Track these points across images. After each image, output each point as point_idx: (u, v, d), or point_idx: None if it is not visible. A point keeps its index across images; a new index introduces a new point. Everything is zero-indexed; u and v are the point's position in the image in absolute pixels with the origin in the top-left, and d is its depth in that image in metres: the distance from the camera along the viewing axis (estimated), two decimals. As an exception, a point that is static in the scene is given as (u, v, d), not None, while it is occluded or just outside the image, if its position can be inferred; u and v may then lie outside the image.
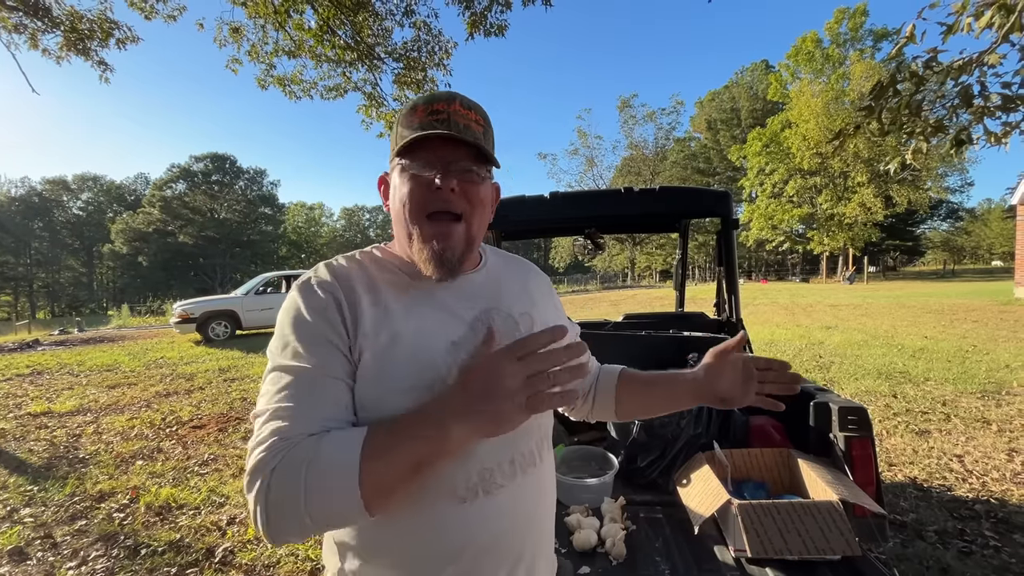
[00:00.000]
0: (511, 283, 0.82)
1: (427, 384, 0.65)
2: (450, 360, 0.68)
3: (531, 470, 0.73)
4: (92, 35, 5.93)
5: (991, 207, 61.39)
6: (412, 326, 0.68)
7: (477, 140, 0.68)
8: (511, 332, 0.75)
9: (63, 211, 52.17)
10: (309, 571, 2.40)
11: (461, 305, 0.74)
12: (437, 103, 0.68)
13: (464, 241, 0.71)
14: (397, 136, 0.71)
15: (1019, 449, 3.54)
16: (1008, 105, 2.52)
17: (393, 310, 0.68)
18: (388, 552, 0.68)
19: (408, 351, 0.66)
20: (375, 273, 0.72)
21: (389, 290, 0.70)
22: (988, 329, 9.01)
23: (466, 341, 0.70)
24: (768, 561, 1.12)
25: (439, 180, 0.67)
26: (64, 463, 3.89)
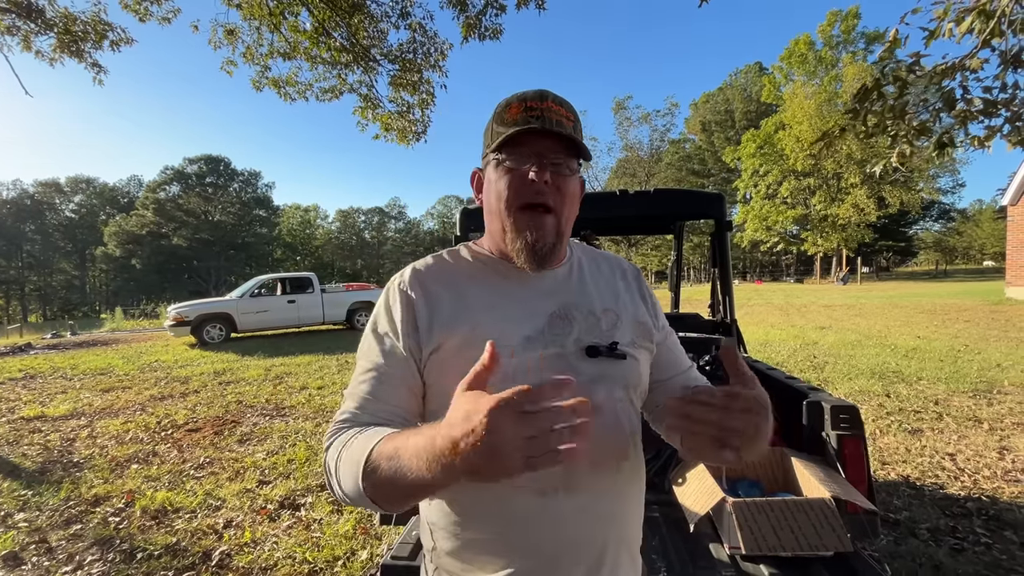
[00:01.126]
0: (597, 279, 0.83)
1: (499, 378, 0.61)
2: (521, 355, 0.70)
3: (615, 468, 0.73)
4: (86, 37, 5.90)
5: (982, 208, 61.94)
6: (489, 319, 0.71)
7: (570, 133, 0.71)
8: (592, 329, 0.75)
9: (55, 213, 51.75)
10: (306, 573, 2.40)
11: (542, 300, 0.76)
12: (531, 100, 0.72)
13: (555, 233, 0.73)
14: (491, 133, 0.75)
15: (1010, 447, 3.58)
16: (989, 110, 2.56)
17: (472, 304, 0.73)
18: (471, 536, 0.71)
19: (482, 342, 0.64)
20: (458, 269, 0.77)
21: (470, 285, 0.75)
22: (979, 329, 9.10)
23: (540, 336, 0.72)
24: (762, 558, 1.14)
25: (534, 173, 0.70)
26: (58, 467, 3.87)
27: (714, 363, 1.94)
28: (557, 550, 0.68)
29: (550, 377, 0.60)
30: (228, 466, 3.81)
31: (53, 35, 5.79)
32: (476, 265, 0.78)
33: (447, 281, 0.75)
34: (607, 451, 0.72)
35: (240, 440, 4.43)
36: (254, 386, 6.60)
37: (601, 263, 0.87)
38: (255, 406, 5.58)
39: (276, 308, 12.13)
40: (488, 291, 0.75)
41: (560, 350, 0.72)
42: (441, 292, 0.74)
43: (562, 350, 0.72)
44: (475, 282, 0.75)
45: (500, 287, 0.76)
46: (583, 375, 0.71)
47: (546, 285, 0.77)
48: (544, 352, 0.71)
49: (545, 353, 0.71)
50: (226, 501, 3.21)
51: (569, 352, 0.73)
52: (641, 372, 0.79)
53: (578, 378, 0.67)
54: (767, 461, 1.47)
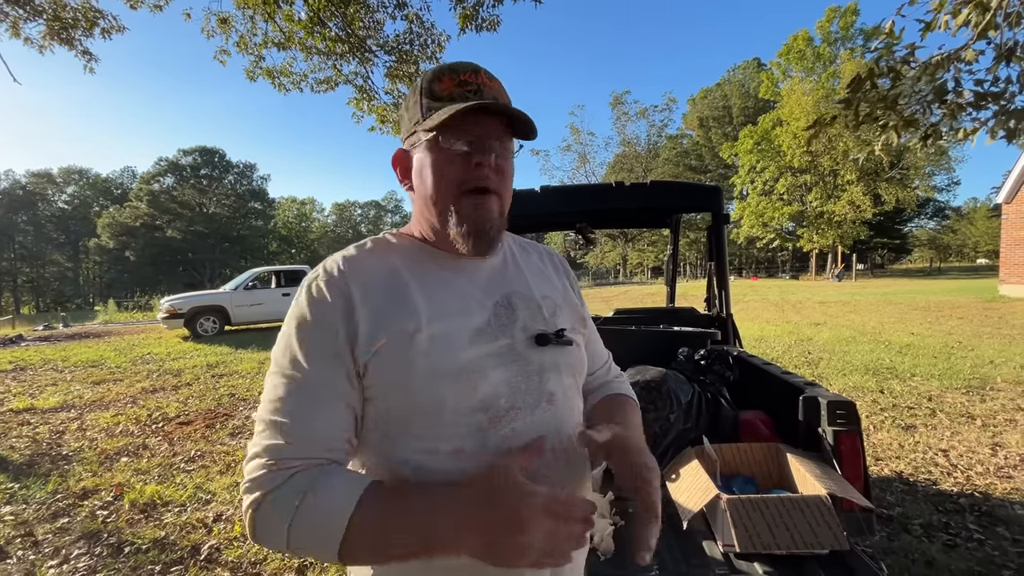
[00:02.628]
0: (530, 266, 0.80)
1: (455, 373, 0.63)
2: (474, 349, 0.66)
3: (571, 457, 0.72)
4: (76, 24, 5.80)
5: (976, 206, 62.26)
6: (434, 313, 0.66)
7: (514, 112, 0.66)
8: (535, 316, 0.73)
9: (48, 205, 51.28)
10: (296, 568, 2.38)
11: (481, 290, 0.72)
12: (463, 73, 0.67)
13: (499, 216, 0.69)
14: (421, 107, 0.67)
15: (1003, 443, 3.59)
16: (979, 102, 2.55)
17: (413, 298, 0.66)
18: None
19: (430, 340, 0.63)
20: (391, 260, 0.70)
21: (408, 277, 0.68)
22: (973, 326, 9.14)
23: (489, 327, 0.68)
24: (757, 556, 1.12)
25: (481, 159, 0.65)
26: (47, 460, 3.83)
27: (709, 357, 1.92)
28: None
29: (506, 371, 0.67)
30: (219, 459, 3.78)
31: (43, 22, 5.69)
32: (409, 255, 0.71)
33: (381, 274, 0.67)
34: (562, 439, 0.70)
35: (232, 433, 4.40)
36: (247, 379, 6.56)
37: (530, 250, 0.84)
38: (248, 399, 5.54)
39: (271, 301, 12.06)
40: (427, 282, 0.69)
41: (510, 340, 0.69)
42: (376, 286, 0.66)
43: (512, 340, 0.69)
44: (412, 274, 0.69)
45: (439, 278, 0.70)
46: (533, 364, 0.70)
47: (484, 274, 0.73)
48: (495, 344, 0.68)
49: (496, 345, 0.68)
50: (216, 495, 3.18)
51: (518, 342, 0.70)
52: (583, 358, 0.79)
53: (528, 368, 0.69)
54: (762, 457, 1.45)
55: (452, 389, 0.63)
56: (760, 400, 1.85)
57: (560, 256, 0.88)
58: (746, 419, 1.73)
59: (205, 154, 49.62)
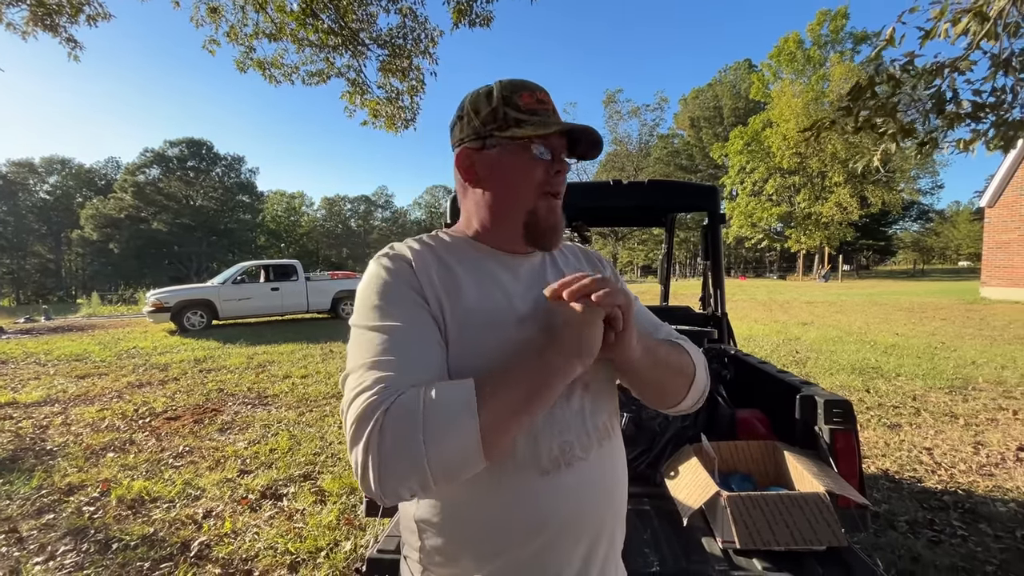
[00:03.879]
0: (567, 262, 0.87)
1: (498, 355, 0.67)
2: (520, 335, 0.70)
3: (606, 443, 0.76)
4: (61, 10, 5.65)
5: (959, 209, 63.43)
6: (485, 299, 0.72)
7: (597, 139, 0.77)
8: None
9: (29, 195, 50.03)
10: (288, 564, 2.36)
11: (524, 285, 0.77)
12: (540, 93, 0.76)
13: (563, 218, 0.79)
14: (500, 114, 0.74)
15: (984, 442, 3.67)
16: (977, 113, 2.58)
17: (465, 285, 0.72)
18: (472, 527, 0.70)
19: (483, 321, 0.70)
20: (444, 253, 0.76)
21: (457, 265, 0.74)
22: (956, 327, 9.33)
23: (532, 316, 0.73)
24: (755, 552, 1.13)
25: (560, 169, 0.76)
26: (30, 455, 3.75)
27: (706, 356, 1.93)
28: (561, 527, 0.69)
29: None
30: (208, 455, 3.73)
31: (26, 7, 5.54)
32: (460, 249, 0.78)
33: (442, 258, 0.75)
34: (597, 424, 0.75)
35: (221, 429, 4.35)
36: (236, 374, 6.49)
37: (567, 249, 0.91)
38: (237, 394, 5.48)
39: (259, 295, 11.93)
40: (476, 271, 0.75)
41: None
42: (439, 266, 0.73)
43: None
44: (461, 263, 0.75)
45: (486, 269, 0.76)
46: None
47: (525, 269, 0.79)
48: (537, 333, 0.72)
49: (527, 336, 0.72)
50: (206, 491, 3.14)
51: None
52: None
53: None
54: (759, 455, 1.47)
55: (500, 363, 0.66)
56: (756, 398, 1.87)
57: (596, 253, 0.94)
58: (743, 417, 1.75)
59: (192, 146, 48.83)
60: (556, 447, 0.70)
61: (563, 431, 0.71)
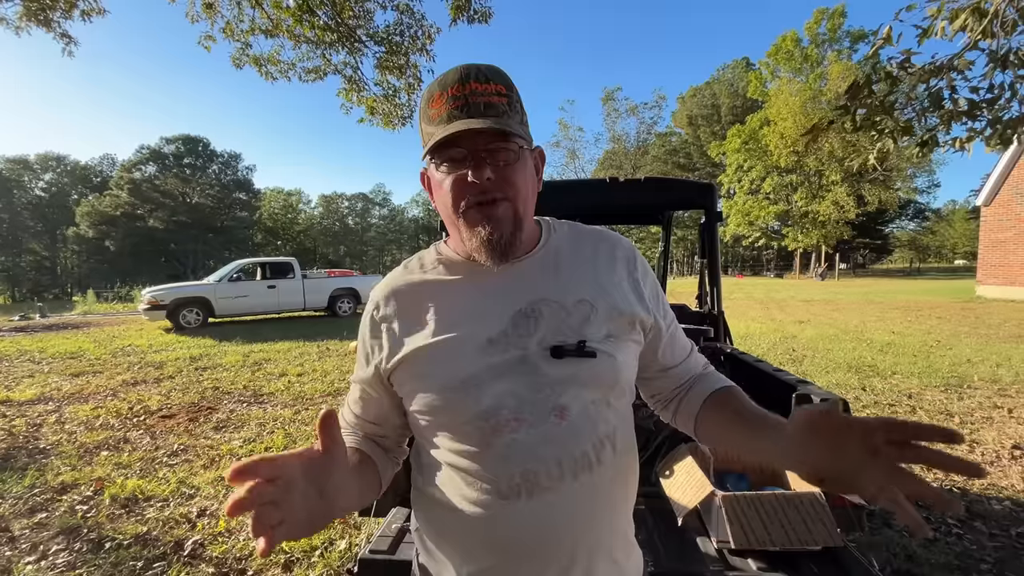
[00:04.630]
0: (574, 265, 0.75)
1: (458, 383, 0.68)
2: (483, 360, 0.68)
3: (585, 474, 0.68)
4: (54, 5, 5.60)
5: (955, 208, 63.74)
6: (451, 323, 0.71)
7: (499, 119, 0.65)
8: (559, 326, 0.70)
9: (24, 192, 49.69)
10: (282, 564, 2.35)
11: (506, 298, 0.72)
12: (452, 87, 0.66)
13: (512, 222, 0.69)
14: (423, 133, 0.70)
15: (979, 440, 3.67)
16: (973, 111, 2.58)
17: (435, 310, 0.72)
18: (446, 537, 0.74)
19: (443, 350, 0.70)
20: (423, 276, 0.77)
21: (435, 290, 0.74)
22: (951, 325, 9.36)
23: (503, 338, 0.69)
24: (750, 552, 1.12)
25: (472, 175, 0.65)
26: (23, 454, 3.73)
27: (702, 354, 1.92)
28: (521, 552, 0.68)
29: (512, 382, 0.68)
30: (203, 453, 3.72)
31: (19, 2, 5.49)
32: (440, 269, 0.77)
33: (413, 290, 0.75)
34: (574, 455, 0.67)
35: (216, 427, 4.33)
36: (231, 372, 6.46)
37: (584, 244, 0.79)
38: (232, 392, 5.46)
39: (255, 293, 11.89)
40: (451, 294, 0.74)
41: (523, 352, 0.68)
42: (407, 303, 0.75)
43: (525, 352, 0.68)
44: (439, 287, 0.75)
45: (463, 289, 0.74)
46: (547, 377, 0.68)
47: (511, 282, 0.72)
48: (504, 356, 0.68)
49: (506, 356, 0.68)
50: (200, 489, 3.12)
51: (532, 353, 0.68)
52: (618, 368, 0.71)
53: (540, 380, 0.68)
54: (755, 454, 1.46)
55: (456, 398, 0.68)
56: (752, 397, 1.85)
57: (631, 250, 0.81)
58: (738, 416, 1.73)
59: (188, 143, 48.58)
60: (518, 475, 0.66)
61: (528, 459, 0.66)
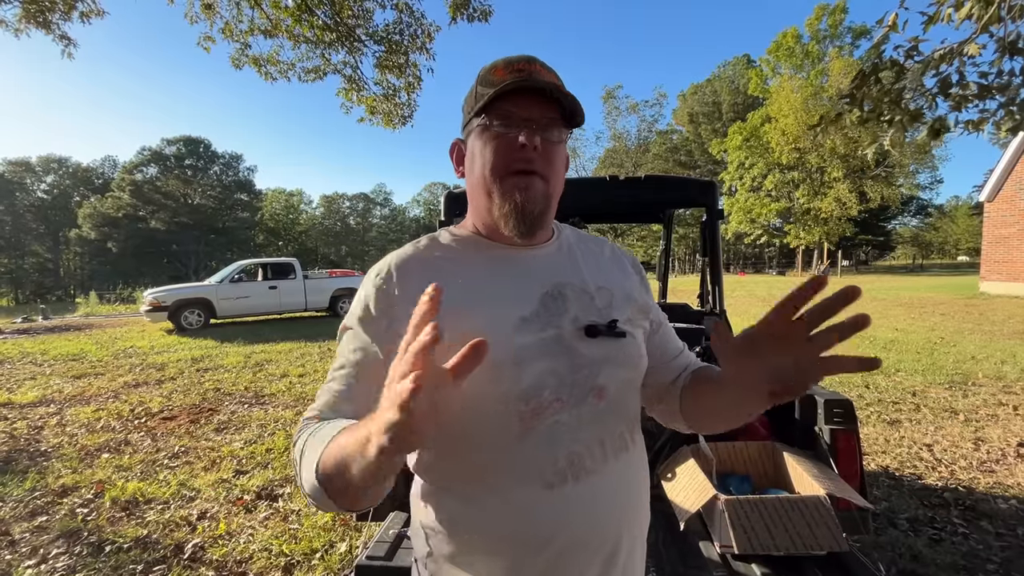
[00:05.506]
0: (587, 257, 0.78)
1: (497, 362, 0.61)
2: (520, 338, 0.65)
3: (623, 454, 0.71)
4: (53, 7, 5.59)
5: (958, 204, 63.47)
6: (479, 302, 0.67)
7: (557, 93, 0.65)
8: (587, 307, 0.71)
9: (26, 194, 49.76)
10: (283, 567, 2.34)
11: (532, 279, 0.71)
12: (518, 63, 0.68)
13: (544, 197, 0.69)
14: (474, 96, 0.69)
15: (985, 438, 3.65)
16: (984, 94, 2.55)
17: (459, 289, 0.66)
18: (477, 538, 0.66)
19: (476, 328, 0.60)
20: (439, 254, 0.72)
21: (455, 269, 0.69)
22: (955, 322, 9.31)
23: (536, 317, 0.68)
24: (754, 557, 1.11)
25: (523, 138, 0.65)
26: (24, 456, 3.73)
27: (704, 353, 1.90)
28: (570, 544, 0.65)
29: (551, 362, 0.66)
30: (204, 455, 3.71)
31: (18, 4, 5.48)
32: (458, 248, 0.73)
33: (429, 268, 0.69)
34: (614, 435, 0.70)
35: (217, 429, 4.32)
36: (233, 373, 6.46)
37: (591, 244, 0.83)
38: (233, 394, 5.45)
39: (257, 294, 11.88)
40: (475, 272, 0.70)
41: (558, 331, 0.68)
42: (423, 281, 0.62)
43: (560, 331, 0.68)
44: (460, 265, 0.70)
45: (487, 267, 0.71)
46: (584, 357, 0.68)
47: (536, 263, 0.73)
48: (542, 334, 0.67)
49: (543, 335, 0.67)
50: (201, 492, 3.12)
51: (567, 332, 0.68)
52: (641, 351, 0.75)
53: (578, 360, 0.67)
54: (758, 456, 1.44)
55: (494, 378, 0.62)
56: None
57: (633, 258, 0.87)
58: (741, 417, 1.71)
59: (190, 144, 48.61)
60: (563, 459, 0.65)
61: (571, 441, 0.66)
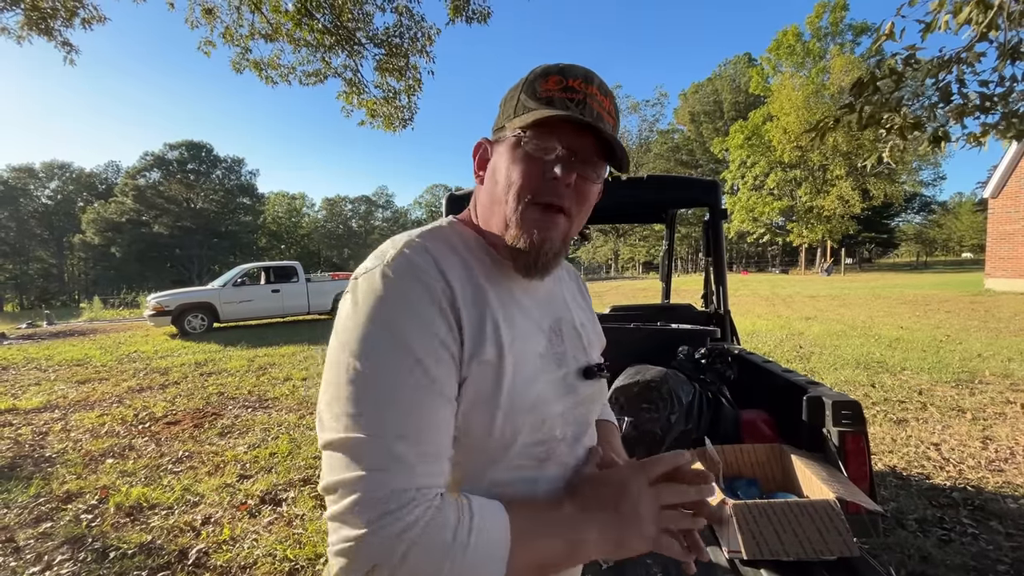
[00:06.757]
0: (566, 290, 0.76)
1: (527, 405, 0.58)
2: (541, 379, 0.61)
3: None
4: (55, 14, 5.62)
5: (962, 200, 63.16)
6: (513, 334, 0.59)
7: (611, 135, 0.59)
8: (576, 345, 0.70)
9: (31, 200, 50.10)
10: (287, 572, 2.33)
11: (540, 311, 0.67)
12: (573, 79, 0.60)
13: (562, 239, 0.61)
14: (517, 103, 0.61)
15: (993, 437, 3.61)
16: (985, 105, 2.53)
17: (495, 310, 0.58)
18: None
19: (515, 366, 0.58)
20: (468, 259, 0.61)
21: (485, 284, 0.60)
22: (960, 319, 9.25)
23: (548, 354, 0.64)
24: (763, 562, 1.09)
25: (559, 170, 0.57)
26: (29, 462, 3.73)
27: (709, 356, 1.89)
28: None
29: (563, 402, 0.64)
30: (208, 460, 3.71)
31: (20, 11, 5.51)
32: (481, 257, 0.63)
33: (464, 274, 0.59)
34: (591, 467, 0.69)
35: (221, 433, 4.32)
36: (236, 377, 6.46)
37: (562, 271, 0.78)
38: (237, 398, 5.45)
39: (260, 297, 11.92)
40: (500, 295, 0.61)
41: (566, 370, 0.66)
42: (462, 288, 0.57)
43: (567, 370, 0.66)
44: (488, 281, 0.61)
45: (509, 291, 0.63)
46: (582, 396, 0.68)
47: (542, 295, 0.68)
48: (555, 374, 0.64)
49: (556, 375, 0.64)
50: (205, 496, 3.11)
51: (571, 372, 0.66)
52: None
53: (578, 399, 0.66)
54: (765, 458, 1.43)
55: (528, 421, 0.58)
56: (761, 399, 1.82)
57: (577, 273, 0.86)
58: (748, 419, 1.70)
59: (192, 148, 48.82)
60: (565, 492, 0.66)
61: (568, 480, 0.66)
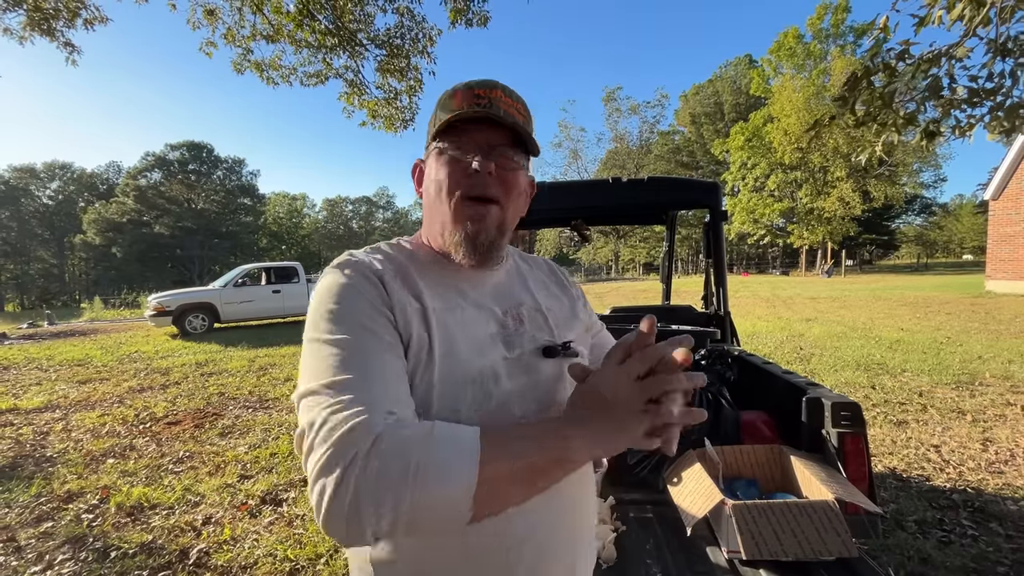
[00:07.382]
0: (534, 278, 0.82)
1: (475, 374, 0.64)
2: (488, 356, 0.66)
3: None
4: (57, 14, 5.64)
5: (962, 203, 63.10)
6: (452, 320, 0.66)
7: (516, 124, 0.66)
8: (540, 328, 0.74)
9: (31, 200, 50.12)
10: (288, 572, 2.33)
11: (492, 300, 0.73)
12: (478, 88, 0.67)
13: (496, 226, 0.69)
14: (435, 120, 0.69)
15: (993, 439, 3.61)
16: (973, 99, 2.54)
17: (430, 301, 0.66)
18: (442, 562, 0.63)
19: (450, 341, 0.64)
20: (405, 263, 0.70)
21: (422, 281, 0.68)
22: (961, 321, 9.24)
23: (501, 335, 0.70)
24: (762, 562, 1.09)
25: (477, 163, 0.65)
26: (30, 462, 3.74)
27: (709, 357, 1.89)
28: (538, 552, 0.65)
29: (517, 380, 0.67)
30: (208, 460, 3.71)
31: (23, 11, 5.52)
32: (421, 261, 0.71)
33: (407, 269, 0.68)
34: None
35: (221, 433, 4.32)
36: (237, 377, 6.47)
37: (532, 264, 0.87)
38: (238, 398, 5.46)
39: (260, 298, 11.93)
40: (443, 289, 0.69)
41: (521, 351, 0.70)
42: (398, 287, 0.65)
43: (523, 351, 0.70)
44: (427, 279, 0.68)
45: (453, 285, 0.70)
46: (543, 375, 0.70)
47: (492, 286, 0.75)
48: (508, 353, 0.68)
49: (509, 355, 0.69)
50: (205, 497, 3.12)
51: (527, 352, 0.71)
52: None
53: (539, 378, 0.69)
54: (764, 459, 1.43)
55: (468, 392, 0.63)
56: (761, 400, 1.83)
57: (563, 270, 0.90)
58: (748, 420, 1.70)
59: (193, 149, 48.90)
60: None
61: None
